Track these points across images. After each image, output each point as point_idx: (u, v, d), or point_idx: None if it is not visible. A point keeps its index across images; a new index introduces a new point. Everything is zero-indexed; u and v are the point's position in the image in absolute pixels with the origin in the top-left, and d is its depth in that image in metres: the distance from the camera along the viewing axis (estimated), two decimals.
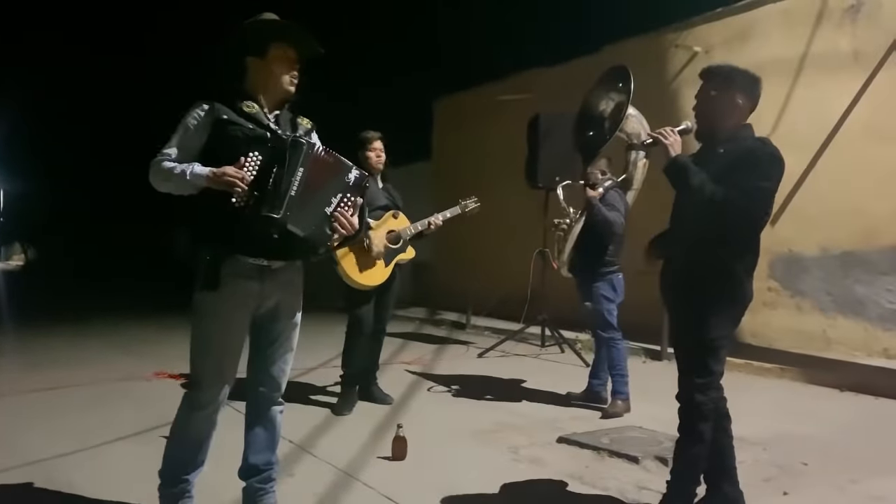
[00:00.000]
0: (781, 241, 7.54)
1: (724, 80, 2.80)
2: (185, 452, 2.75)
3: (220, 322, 2.67)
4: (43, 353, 7.29)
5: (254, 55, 2.72)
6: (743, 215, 2.65)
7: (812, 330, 7.25)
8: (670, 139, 2.77)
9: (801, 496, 3.26)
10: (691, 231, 2.78)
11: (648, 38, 9.08)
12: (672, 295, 2.89)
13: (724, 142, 2.76)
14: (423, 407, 5.02)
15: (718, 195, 2.59)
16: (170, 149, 2.66)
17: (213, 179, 2.53)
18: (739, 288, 2.73)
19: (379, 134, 4.96)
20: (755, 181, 2.61)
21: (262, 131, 2.66)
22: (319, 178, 2.63)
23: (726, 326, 2.74)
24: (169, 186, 2.63)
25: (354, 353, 4.88)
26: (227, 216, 2.55)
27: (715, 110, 2.79)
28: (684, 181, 2.69)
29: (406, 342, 8.41)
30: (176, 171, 2.59)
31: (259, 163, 2.57)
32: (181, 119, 2.70)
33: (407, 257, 4.95)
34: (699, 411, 2.73)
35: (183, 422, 2.74)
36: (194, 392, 2.71)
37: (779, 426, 4.45)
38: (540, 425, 4.42)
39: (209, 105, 2.67)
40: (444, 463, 3.70)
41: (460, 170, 12.04)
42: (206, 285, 2.61)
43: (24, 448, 3.83)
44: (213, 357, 2.69)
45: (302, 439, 4.08)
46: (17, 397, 5.17)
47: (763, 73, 8.19)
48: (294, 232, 2.58)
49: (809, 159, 7.26)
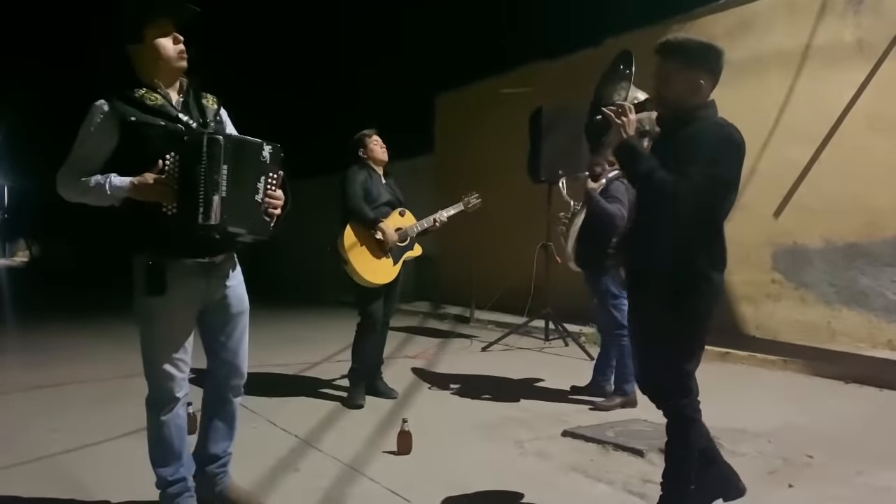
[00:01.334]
0: (785, 233, 7.52)
1: (685, 56, 2.52)
2: (166, 454, 2.73)
3: (171, 324, 2.65)
4: (47, 351, 7.31)
5: (132, 42, 2.60)
6: (693, 205, 2.41)
7: (816, 322, 7.24)
8: (623, 119, 2.55)
9: (807, 489, 3.25)
10: (648, 225, 2.60)
11: (651, 30, 9.02)
12: (640, 296, 2.70)
13: (685, 124, 2.53)
14: (428, 401, 5.03)
15: (668, 182, 2.39)
16: (73, 163, 2.54)
17: (135, 190, 2.48)
18: (706, 283, 2.55)
19: (375, 129, 4.99)
20: (707, 169, 2.38)
21: (174, 126, 2.57)
22: (242, 168, 2.55)
23: (698, 324, 2.59)
24: (86, 199, 2.56)
25: (364, 349, 4.89)
26: (160, 222, 2.51)
27: (676, 89, 2.53)
28: (633, 166, 2.53)
29: (410, 336, 8.42)
30: (91, 184, 2.51)
31: (178, 162, 2.50)
32: (81, 125, 2.57)
33: (414, 255, 4.99)
34: (682, 413, 2.61)
35: (155, 426, 2.72)
36: (155, 394, 2.71)
37: (783, 418, 4.45)
38: (544, 419, 4.43)
39: (109, 106, 2.54)
40: (449, 457, 3.70)
41: (463, 164, 12.02)
42: (151, 291, 2.56)
43: (28, 445, 3.85)
44: (169, 358, 2.66)
45: (307, 434, 4.09)
46: (20, 394, 5.19)
47: (766, 65, 8.17)
48: (235, 232, 2.58)
49: (813, 151, 7.24)
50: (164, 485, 2.74)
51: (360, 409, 4.71)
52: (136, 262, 2.63)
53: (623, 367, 4.80)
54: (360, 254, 4.69)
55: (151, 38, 2.58)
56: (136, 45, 2.60)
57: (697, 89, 2.52)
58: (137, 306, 2.65)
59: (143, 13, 2.59)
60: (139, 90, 2.59)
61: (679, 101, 2.55)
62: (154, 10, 2.59)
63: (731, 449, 3.78)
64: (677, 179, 2.39)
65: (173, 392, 2.70)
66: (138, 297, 2.63)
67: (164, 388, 2.68)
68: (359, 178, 4.83)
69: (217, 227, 2.50)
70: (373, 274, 4.73)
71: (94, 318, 9.87)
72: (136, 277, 2.62)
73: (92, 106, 2.56)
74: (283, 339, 8.26)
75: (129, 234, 2.64)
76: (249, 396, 4.95)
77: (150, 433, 2.74)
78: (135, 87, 2.60)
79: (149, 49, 2.59)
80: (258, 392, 5.13)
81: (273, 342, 7.99)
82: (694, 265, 2.52)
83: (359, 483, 3.33)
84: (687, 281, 2.52)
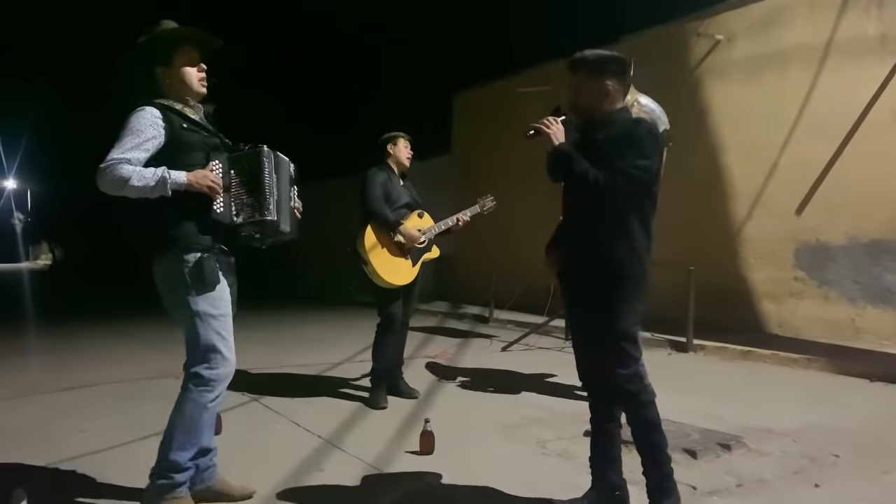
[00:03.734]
0: (807, 230, 7.46)
1: (594, 67, 2.77)
2: (193, 438, 2.84)
3: (226, 311, 2.88)
4: (71, 352, 7.41)
5: (161, 65, 2.86)
6: (628, 196, 2.63)
7: (840, 319, 7.17)
8: (552, 129, 2.78)
9: (833, 488, 3.22)
10: (581, 222, 2.79)
11: (670, 26, 8.99)
12: (575, 291, 2.86)
13: (602, 127, 2.75)
14: (449, 401, 5.04)
15: (602, 180, 2.59)
16: (127, 153, 2.70)
17: (193, 183, 2.75)
18: (639, 268, 2.70)
19: (405, 134, 5.04)
20: (636, 160, 2.59)
21: (214, 139, 2.91)
22: (281, 178, 2.96)
23: (634, 310, 2.71)
24: (134, 191, 2.70)
25: (385, 350, 4.91)
26: (209, 219, 2.80)
27: (588, 98, 2.78)
28: (568, 170, 2.70)
29: (430, 336, 8.44)
30: (147, 174, 2.70)
31: (221, 169, 2.84)
32: (129, 123, 2.75)
33: (432, 256, 5.01)
34: (637, 400, 2.73)
35: (197, 410, 2.83)
36: (213, 382, 2.84)
37: (808, 417, 4.41)
38: (566, 419, 4.42)
39: (161, 111, 2.78)
40: (472, 457, 3.71)
41: (480, 163, 12.03)
42: (209, 282, 2.79)
43: (55, 446, 3.89)
44: (227, 345, 2.87)
45: (330, 434, 4.12)
46: (46, 396, 5.25)
47: (788, 60, 8.10)
48: (283, 231, 2.94)
49: (836, 147, 7.17)
50: (175, 469, 2.80)
51: (382, 409, 4.73)
52: (173, 255, 2.79)
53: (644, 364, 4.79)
54: (380, 255, 4.72)
55: (179, 64, 2.88)
56: (163, 67, 2.87)
57: (607, 95, 2.76)
58: (185, 296, 2.79)
59: (175, 40, 2.88)
60: (175, 103, 2.86)
61: (593, 108, 2.79)
62: (186, 40, 2.89)
63: (756, 448, 3.76)
64: (612, 175, 2.59)
65: (227, 374, 2.88)
66: (189, 286, 2.78)
67: (221, 375, 2.85)
68: (379, 179, 4.85)
69: (272, 224, 2.86)
70: (392, 275, 4.75)
71: (117, 319, 10.00)
72: (177, 271, 2.78)
73: (140, 108, 2.76)
74: (304, 340, 8.32)
75: (166, 228, 2.80)
76: (272, 397, 5.04)
77: (183, 418, 2.82)
78: (164, 99, 2.85)
79: (176, 73, 2.88)
80: (281, 392, 5.19)
81: (294, 343, 8.06)
82: (622, 257, 2.68)
83: (382, 483, 3.34)
84: (616, 271, 2.68)
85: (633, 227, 2.69)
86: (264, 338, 8.03)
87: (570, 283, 2.88)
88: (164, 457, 2.82)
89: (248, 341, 8.23)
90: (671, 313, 6.74)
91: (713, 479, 3.32)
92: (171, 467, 2.81)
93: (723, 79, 8.33)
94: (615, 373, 2.71)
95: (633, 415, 2.77)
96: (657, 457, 2.75)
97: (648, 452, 2.76)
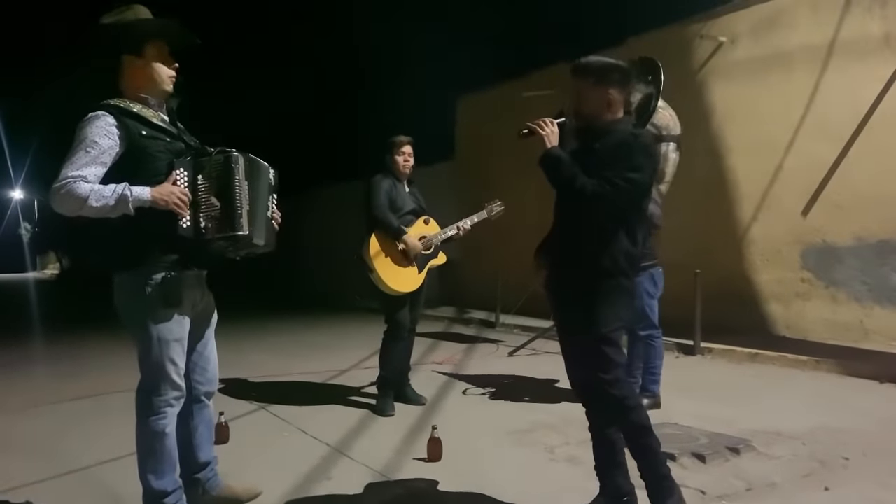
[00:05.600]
0: (814, 231, 7.43)
1: (597, 75, 2.77)
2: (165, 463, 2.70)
3: (183, 333, 2.70)
4: (78, 362, 7.42)
5: (131, 53, 2.62)
6: (613, 207, 2.62)
7: (848, 320, 7.13)
8: (546, 130, 2.78)
9: (843, 492, 3.20)
10: (569, 228, 2.80)
11: (673, 28, 8.99)
12: (560, 297, 2.87)
13: (600, 136, 2.75)
14: (456, 407, 5.03)
15: (588, 188, 2.59)
16: (82, 169, 2.47)
17: (158, 200, 2.52)
18: (623, 277, 2.70)
19: (409, 139, 4.99)
20: (626, 173, 2.59)
21: (178, 143, 2.68)
22: (256, 186, 2.74)
23: (617, 316, 2.71)
24: (91, 211, 2.48)
25: (392, 357, 4.91)
26: (174, 235, 2.57)
27: (590, 105, 2.78)
28: (557, 173, 2.71)
29: (436, 342, 8.43)
30: (106, 193, 2.48)
31: (198, 177, 2.62)
32: (82, 133, 2.52)
33: (438, 262, 5.00)
34: (623, 405, 2.71)
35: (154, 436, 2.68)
36: (157, 404, 2.68)
37: (816, 420, 4.39)
38: (574, 423, 4.39)
39: (115, 118, 2.55)
40: (480, 464, 3.70)
41: (484, 168, 12.02)
42: (170, 302, 2.60)
43: (65, 456, 3.91)
44: (177, 367, 2.70)
45: (337, 442, 4.11)
46: (55, 406, 5.27)
47: (791, 61, 8.07)
48: (257, 244, 2.73)
49: (841, 147, 7.15)
50: (162, 496, 2.68)
51: (390, 417, 4.72)
52: (135, 274, 2.61)
53: (652, 367, 4.78)
54: (385, 262, 4.71)
55: (151, 56, 2.66)
56: (132, 56, 2.64)
57: (609, 104, 2.77)
58: (145, 317, 2.62)
59: (149, 31, 2.66)
60: (133, 104, 2.63)
61: (594, 115, 2.78)
62: (161, 32, 2.68)
63: (765, 452, 3.74)
64: (601, 184, 2.59)
65: (177, 400, 2.72)
66: (148, 308, 2.61)
67: (171, 401, 2.69)
68: (384, 186, 4.85)
69: (245, 238, 2.65)
70: (398, 282, 4.74)
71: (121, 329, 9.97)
72: (138, 290, 2.60)
73: (91, 116, 2.54)
74: (310, 347, 8.32)
75: (129, 248, 2.62)
76: (279, 405, 5.04)
77: (150, 447, 2.68)
78: (120, 99, 2.62)
79: (145, 65, 2.65)
80: (287, 400, 5.19)
81: (300, 350, 8.06)
82: (606, 264, 2.69)
83: (391, 491, 3.33)
84: (600, 278, 2.69)
85: (619, 235, 2.69)
86: (270, 344, 8.05)
87: (556, 287, 2.89)
88: (148, 487, 2.69)
89: (254, 348, 8.28)
90: (678, 316, 6.71)
91: (722, 484, 3.30)
92: (157, 496, 2.69)
93: (727, 80, 8.32)
94: (598, 377, 2.71)
95: (622, 420, 2.76)
96: (651, 458, 2.74)
97: (642, 455, 2.75)
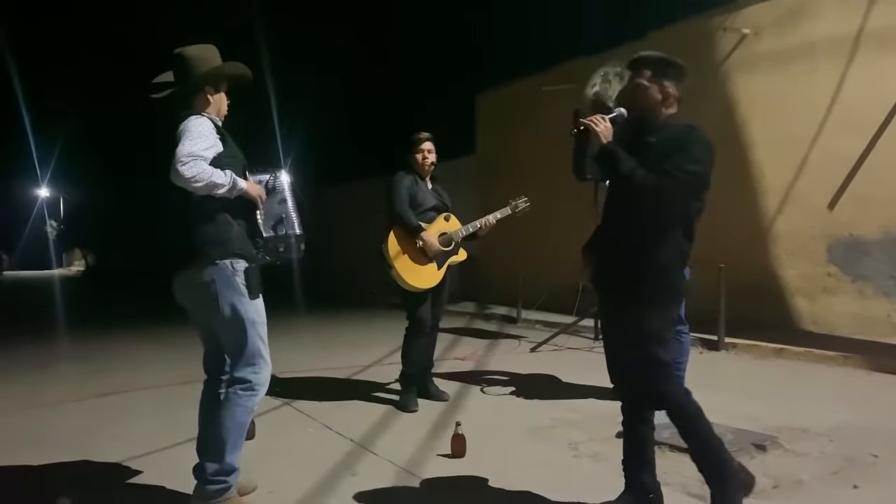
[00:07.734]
0: (840, 225, 7.34)
1: (654, 68, 2.77)
2: (240, 440, 2.98)
3: (263, 314, 3.05)
4: (104, 359, 7.51)
5: (212, 87, 3.09)
6: (673, 198, 2.61)
7: (876, 315, 7.04)
8: (600, 126, 2.79)
9: (873, 489, 3.18)
10: (624, 224, 2.76)
11: (695, 21, 8.91)
12: (610, 295, 2.87)
13: (655, 131, 2.73)
14: (479, 403, 5.04)
15: (649, 181, 2.57)
16: (203, 152, 2.80)
17: (250, 191, 2.99)
18: (676, 274, 2.70)
19: (429, 135, 4.97)
20: (684, 164, 2.56)
21: (241, 157, 3.10)
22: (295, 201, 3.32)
23: (668, 315, 2.71)
24: (208, 188, 2.81)
25: (414, 353, 4.93)
26: (255, 228, 3.08)
27: (646, 100, 2.77)
28: (614, 168, 2.71)
29: (458, 338, 8.44)
30: (223, 174, 2.85)
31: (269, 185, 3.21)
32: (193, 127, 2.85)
33: (459, 259, 4.98)
34: (675, 401, 2.69)
35: (244, 414, 2.97)
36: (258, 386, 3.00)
37: (844, 416, 4.34)
38: (598, 420, 4.40)
39: (210, 120, 2.98)
40: (503, 460, 3.71)
41: (505, 164, 12.01)
42: (253, 290, 2.96)
43: (94, 452, 3.96)
44: (266, 351, 3.04)
45: (362, 438, 4.14)
46: (82, 403, 5.34)
47: (817, 53, 7.96)
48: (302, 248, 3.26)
49: (868, 140, 7.05)
50: (230, 472, 2.93)
51: (413, 413, 4.74)
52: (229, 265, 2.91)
53: (678, 363, 4.74)
54: (404, 259, 4.72)
55: (222, 90, 3.17)
56: (212, 89, 3.09)
57: (666, 98, 2.77)
58: (238, 303, 2.92)
59: (229, 74, 3.16)
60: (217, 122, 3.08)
61: (650, 109, 2.78)
62: (235, 76, 3.19)
63: (792, 448, 3.71)
64: (659, 176, 2.56)
65: (268, 381, 3.05)
66: (243, 296, 2.92)
67: (264, 378, 3.01)
68: (404, 183, 4.85)
69: (300, 237, 3.24)
70: (418, 279, 4.75)
71: (148, 325, 10.12)
72: (231, 279, 2.91)
73: (196, 116, 2.92)
74: (334, 343, 8.37)
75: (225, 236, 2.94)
76: (303, 401, 5.08)
77: (234, 423, 2.93)
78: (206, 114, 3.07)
79: (219, 98, 3.14)
80: (312, 396, 5.23)
81: (323, 346, 8.11)
82: (662, 261, 2.67)
83: (416, 487, 3.35)
84: (655, 275, 2.67)
85: (675, 231, 2.67)
86: (294, 340, 8.10)
87: (607, 284, 2.87)
88: (219, 461, 2.91)
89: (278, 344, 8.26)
90: (702, 311, 6.66)
91: None
92: (226, 470, 2.92)
93: (750, 73, 8.23)
94: (646, 375, 2.70)
95: (672, 414, 2.73)
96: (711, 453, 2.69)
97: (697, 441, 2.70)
